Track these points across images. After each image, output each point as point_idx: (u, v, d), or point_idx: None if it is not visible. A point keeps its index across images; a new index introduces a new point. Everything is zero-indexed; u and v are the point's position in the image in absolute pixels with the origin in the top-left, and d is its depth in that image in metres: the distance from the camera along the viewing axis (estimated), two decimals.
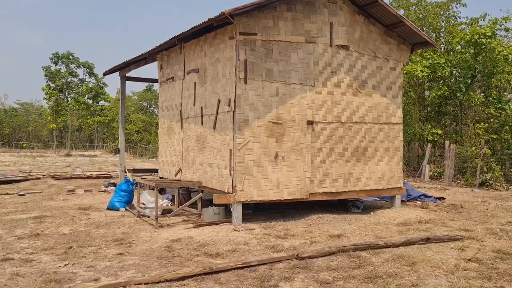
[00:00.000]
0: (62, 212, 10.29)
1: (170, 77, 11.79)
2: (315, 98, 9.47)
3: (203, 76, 10.04)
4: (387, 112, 10.49)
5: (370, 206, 11.13)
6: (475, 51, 20.54)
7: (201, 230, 8.34)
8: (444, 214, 10.43)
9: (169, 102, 11.96)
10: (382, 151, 10.41)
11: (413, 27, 10.19)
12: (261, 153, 8.89)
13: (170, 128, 11.97)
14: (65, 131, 68.03)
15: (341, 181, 9.83)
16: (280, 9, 8.99)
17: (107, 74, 14.84)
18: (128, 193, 10.96)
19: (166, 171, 12.18)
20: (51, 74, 51.03)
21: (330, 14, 9.52)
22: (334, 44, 9.64)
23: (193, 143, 10.52)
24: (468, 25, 23.54)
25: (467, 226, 8.91)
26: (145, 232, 8.29)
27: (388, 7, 9.81)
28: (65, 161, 34.45)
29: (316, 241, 7.49)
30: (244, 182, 8.73)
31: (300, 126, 9.29)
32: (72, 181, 17.15)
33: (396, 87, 10.64)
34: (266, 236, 7.85)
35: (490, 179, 17.36)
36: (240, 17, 8.49)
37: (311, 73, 9.41)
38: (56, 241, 7.52)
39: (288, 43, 9.12)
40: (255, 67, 8.81)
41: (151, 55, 11.95)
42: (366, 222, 9.19)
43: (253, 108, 8.81)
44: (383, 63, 10.43)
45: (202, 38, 9.98)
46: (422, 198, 12.52)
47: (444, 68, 21.38)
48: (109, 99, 64.67)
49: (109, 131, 67.27)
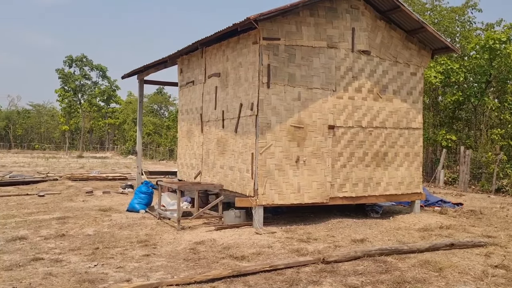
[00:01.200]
0: (83, 213, 10.41)
1: (190, 81, 11.91)
2: (337, 102, 9.52)
3: (225, 80, 10.13)
4: (407, 117, 10.50)
5: (389, 211, 11.13)
6: (490, 57, 20.44)
7: (223, 233, 8.40)
8: (464, 220, 10.39)
9: (189, 105, 12.07)
10: (402, 156, 10.42)
11: (435, 32, 10.20)
12: (282, 157, 8.95)
13: (189, 131, 12.07)
14: (76, 132, 68.63)
15: (361, 185, 9.85)
16: (303, 15, 9.06)
17: (125, 77, 15.00)
18: (148, 195, 11.07)
19: (185, 174, 12.28)
20: (65, 76, 51.58)
21: (352, 19, 9.57)
22: (356, 49, 9.69)
23: (214, 146, 10.60)
24: (483, 31, 23.45)
25: (489, 232, 8.88)
26: (168, 234, 8.37)
27: (410, 13, 9.84)
28: (78, 163, 34.78)
29: (340, 245, 7.52)
30: (265, 186, 8.79)
31: (321, 130, 9.34)
32: (89, 182, 17.31)
33: (417, 92, 10.65)
34: (288, 240, 7.89)
35: (506, 185, 17.23)
36: (264, 22, 8.57)
37: (333, 78, 9.46)
38: (82, 242, 7.62)
39: (310, 48, 9.19)
40: (278, 72, 8.88)
41: (171, 59, 12.07)
42: (387, 227, 9.19)
43: (275, 112, 8.88)
44: (404, 68, 10.45)
45: (224, 42, 10.08)
46: (440, 203, 12.48)
47: (458, 73, 21.30)
48: (120, 102, 65.18)
49: (120, 133, 67.77)
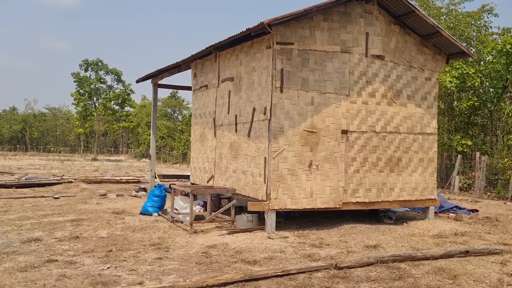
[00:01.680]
0: (97, 216, 10.52)
1: (204, 85, 11.98)
2: (350, 107, 9.48)
3: (238, 85, 10.17)
4: (422, 123, 10.40)
5: (402, 217, 11.02)
6: (507, 61, 20.17)
7: (236, 237, 8.41)
8: (479, 227, 10.24)
9: (203, 109, 12.14)
10: (416, 162, 10.32)
11: (450, 37, 10.11)
12: (295, 161, 8.93)
13: (203, 135, 12.13)
14: (91, 136, 69.44)
15: (374, 191, 9.78)
16: (316, 19, 9.06)
17: (140, 81, 15.15)
18: (161, 199, 11.14)
19: (198, 178, 12.33)
20: (80, 80, 52.29)
21: (366, 24, 9.54)
22: (370, 54, 9.65)
23: (227, 150, 10.64)
24: (499, 35, 23.16)
25: (505, 240, 8.73)
26: (180, 238, 8.40)
27: (425, 17, 9.77)
28: (93, 165, 35.18)
29: (352, 251, 7.47)
30: (278, 190, 8.78)
31: (335, 135, 9.30)
32: (103, 185, 17.49)
33: (431, 98, 10.55)
34: (301, 245, 7.86)
35: None
36: (277, 27, 8.59)
37: (346, 82, 9.43)
38: (96, 244, 7.70)
39: (324, 52, 9.17)
40: (291, 76, 8.89)
41: (185, 63, 12.17)
42: (401, 233, 9.10)
43: (288, 117, 8.88)
44: (418, 73, 10.37)
45: (238, 47, 10.13)
46: (455, 210, 12.31)
47: (474, 78, 21.04)
48: (134, 105, 65.79)
49: (134, 136, 68.38)
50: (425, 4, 23.98)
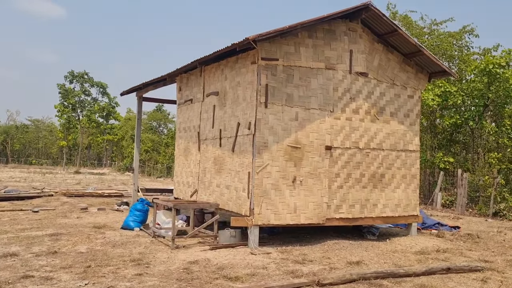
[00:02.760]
0: (77, 230, 10.31)
1: (188, 99, 11.95)
2: (334, 123, 9.54)
3: (223, 99, 10.18)
4: (405, 139, 10.52)
5: (385, 233, 11.04)
6: (489, 81, 20.62)
7: (218, 253, 8.31)
8: (461, 243, 10.31)
9: (187, 123, 12.09)
10: (399, 178, 10.40)
11: (432, 56, 10.30)
12: (279, 176, 8.92)
13: (187, 149, 12.06)
14: (74, 148, 68.55)
15: (358, 207, 9.80)
16: (301, 36, 9.16)
17: (124, 94, 15.05)
18: (143, 213, 10.98)
19: (181, 192, 12.21)
20: (65, 92, 51.79)
21: (350, 41, 9.68)
22: (354, 71, 9.76)
23: (210, 165, 10.58)
24: (480, 55, 23.71)
25: (486, 257, 8.79)
26: (161, 253, 8.27)
27: (407, 36, 9.95)
28: (75, 179, 34.62)
29: (335, 267, 7.43)
30: (261, 206, 8.74)
31: (319, 151, 9.33)
32: (84, 198, 17.20)
33: (414, 115, 10.70)
34: (284, 261, 7.80)
35: (504, 209, 17.16)
36: (262, 43, 8.65)
37: (330, 98, 9.51)
38: (74, 260, 7.52)
39: (308, 69, 9.26)
40: (276, 92, 8.93)
41: (170, 76, 12.15)
42: (383, 250, 9.11)
43: (272, 132, 8.89)
44: (401, 90, 10.52)
45: (223, 62, 10.16)
46: (437, 226, 12.39)
47: (456, 96, 21.44)
48: (119, 118, 65.30)
49: (118, 149, 67.71)
50: (408, 24, 24.49)
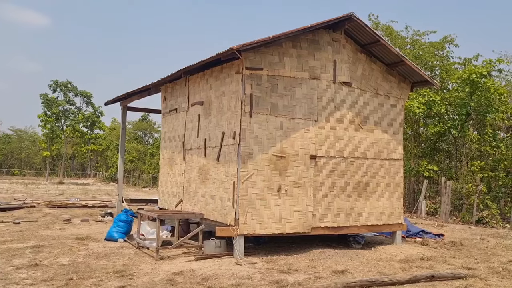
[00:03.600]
0: (59, 242, 10.14)
1: (173, 109, 11.92)
2: (318, 132, 9.60)
3: (208, 109, 10.17)
4: (388, 148, 10.62)
5: (371, 242, 11.09)
6: (471, 90, 20.99)
7: (203, 263, 8.25)
8: (444, 251, 10.41)
9: (172, 133, 12.04)
10: (383, 187, 10.48)
11: (414, 66, 10.47)
12: (264, 186, 8.92)
13: (171, 159, 11.99)
14: (58, 159, 67.60)
15: (343, 215, 9.84)
16: (285, 46, 9.23)
17: (109, 104, 14.95)
18: (127, 224, 10.86)
19: (166, 202, 12.12)
20: (48, 101, 51.15)
21: (333, 52, 9.78)
22: (337, 81, 9.86)
23: (195, 175, 10.53)
24: (461, 65, 24.16)
25: (469, 264, 8.88)
26: (145, 264, 8.17)
27: (390, 47, 10.11)
28: (58, 189, 34.09)
29: (320, 277, 7.43)
30: (247, 215, 8.72)
31: (303, 160, 9.36)
32: (67, 209, 16.93)
33: (397, 124, 10.82)
34: (269, 271, 7.77)
35: (486, 216, 17.40)
36: (247, 53, 8.69)
37: (315, 108, 9.57)
38: (56, 272, 7.38)
39: (292, 78, 9.32)
40: (261, 101, 8.96)
41: (155, 86, 12.11)
42: (368, 258, 9.14)
43: (257, 142, 8.90)
44: (384, 100, 10.65)
45: (207, 71, 10.17)
46: (422, 234, 12.50)
47: (440, 105, 21.78)
48: (104, 128, 64.67)
49: (103, 159, 66.95)
50: (390, 34, 24.86)
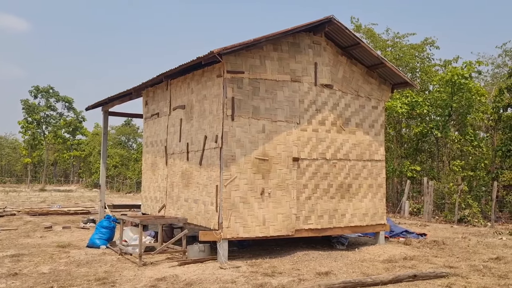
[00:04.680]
0: (40, 250, 9.96)
1: (155, 113, 11.83)
2: (301, 135, 9.63)
3: (190, 113, 10.12)
4: (370, 150, 10.71)
5: (355, 243, 11.15)
6: (452, 91, 21.34)
7: (187, 268, 8.18)
8: (427, 250, 10.52)
9: (154, 137, 11.94)
10: (365, 188, 10.55)
11: (394, 68, 10.59)
12: (247, 189, 8.90)
13: (154, 163, 11.89)
14: (40, 165, 66.51)
15: (326, 217, 9.87)
16: (266, 49, 9.25)
17: (90, 109, 14.77)
18: (110, 230, 10.73)
19: (149, 207, 12.00)
20: (29, 107, 50.36)
21: (314, 54, 9.83)
22: (319, 83, 9.91)
23: (178, 179, 10.46)
24: (441, 67, 24.54)
25: (451, 263, 9.00)
26: (128, 271, 8.07)
27: (370, 49, 10.21)
28: (40, 196, 33.52)
29: (304, 279, 7.43)
30: (230, 219, 8.68)
31: (286, 162, 9.38)
32: (49, 217, 16.66)
33: (378, 125, 10.92)
34: (253, 274, 7.74)
35: (468, 215, 17.66)
36: (228, 56, 8.68)
37: (297, 110, 9.60)
38: (36, 281, 7.24)
39: (274, 81, 9.34)
40: (242, 105, 8.95)
41: (136, 90, 12.00)
42: (352, 259, 9.18)
43: (240, 145, 8.89)
44: (366, 102, 10.74)
45: (189, 75, 10.13)
46: (405, 234, 12.62)
47: (422, 106, 22.09)
48: (86, 133, 63.89)
49: (86, 165, 66.07)
50: (372, 37, 25.13)
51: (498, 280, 7.53)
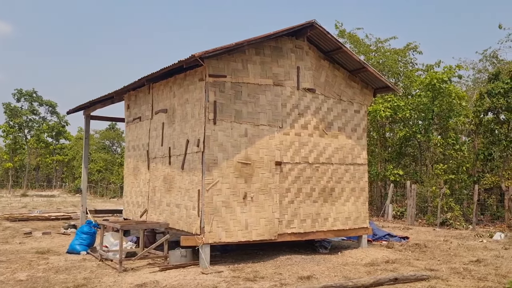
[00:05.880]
0: (18, 257, 9.76)
1: (137, 117, 11.72)
2: (283, 139, 9.63)
3: (172, 117, 10.05)
4: (353, 153, 10.76)
5: (338, 246, 11.17)
6: (433, 95, 21.62)
7: (168, 274, 8.08)
8: (409, 253, 10.59)
9: (136, 142, 11.82)
10: (348, 192, 10.59)
11: (375, 72, 10.67)
12: (229, 193, 8.85)
13: (136, 168, 11.77)
14: (21, 170, 65.36)
15: (309, 221, 9.87)
16: (249, 53, 9.24)
17: (71, 112, 14.58)
18: (90, 236, 10.57)
19: (131, 212, 11.86)
20: (11, 111, 49.53)
21: (297, 58, 9.86)
22: (301, 87, 9.93)
23: (160, 184, 10.36)
24: (424, 71, 24.85)
25: (432, 266, 9.06)
26: (108, 277, 7.95)
27: (351, 54, 10.28)
28: (21, 202, 32.92)
29: (286, 283, 7.40)
30: (212, 223, 8.62)
31: (269, 166, 9.36)
32: (29, 223, 16.35)
33: (361, 129, 10.99)
34: (235, 279, 7.69)
35: (450, 218, 17.86)
36: (210, 60, 8.65)
37: (279, 114, 9.60)
38: None
39: (256, 85, 9.33)
40: (224, 108, 8.92)
41: (118, 94, 11.88)
42: (335, 263, 9.19)
43: (222, 149, 8.84)
44: (348, 106, 10.80)
45: (171, 79, 10.07)
46: (387, 237, 12.70)
47: (404, 110, 22.33)
48: (70, 138, 63.06)
49: (69, 170, 65.13)
50: (356, 42, 25.35)
51: (477, 282, 7.61)
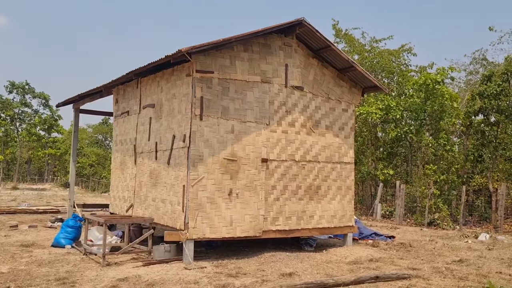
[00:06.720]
0: (2, 249, 9.70)
1: (125, 111, 11.68)
2: (270, 136, 9.63)
3: (159, 112, 10.02)
4: (340, 152, 10.79)
5: (323, 244, 11.21)
6: (426, 96, 21.71)
7: (151, 269, 8.09)
8: (393, 252, 10.65)
9: (124, 136, 11.79)
10: (334, 190, 10.62)
11: (364, 72, 10.69)
12: (215, 189, 8.86)
13: (123, 162, 11.74)
14: (13, 163, 64.95)
15: (294, 218, 9.90)
16: (237, 49, 9.23)
17: (60, 106, 14.51)
18: (76, 229, 10.54)
19: (117, 207, 11.83)
20: (3, 103, 49.14)
21: (285, 56, 9.86)
22: (289, 85, 9.94)
23: (146, 179, 10.34)
24: (417, 73, 24.95)
25: (415, 265, 9.12)
26: (90, 271, 7.93)
27: (340, 52, 10.29)
28: (11, 195, 32.71)
29: (268, 280, 7.43)
30: (197, 219, 8.62)
31: (255, 163, 9.37)
32: (16, 216, 16.26)
33: (348, 128, 11.01)
34: (217, 275, 7.70)
35: (437, 218, 17.98)
36: (197, 55, 8.63)
37: (267, 112, 9.61)
38: None
39: (244, 82, 9.32)
40: (211, 104, 8.91)
41: (106, 88, 11.83)
42: (318, 261, 9.22)
43: (208, 145, 8.84)
44: (336, 104, 10.82)
45: (159, 74, 10.04)
46: (373, 236, 12.76)
47: (396, 110, 22.40)
48: (62, 131, 62.71)
49: (61, 164, 64.81)
50: (351, 41, 25.39)
51: (458, 282, 7.67)
